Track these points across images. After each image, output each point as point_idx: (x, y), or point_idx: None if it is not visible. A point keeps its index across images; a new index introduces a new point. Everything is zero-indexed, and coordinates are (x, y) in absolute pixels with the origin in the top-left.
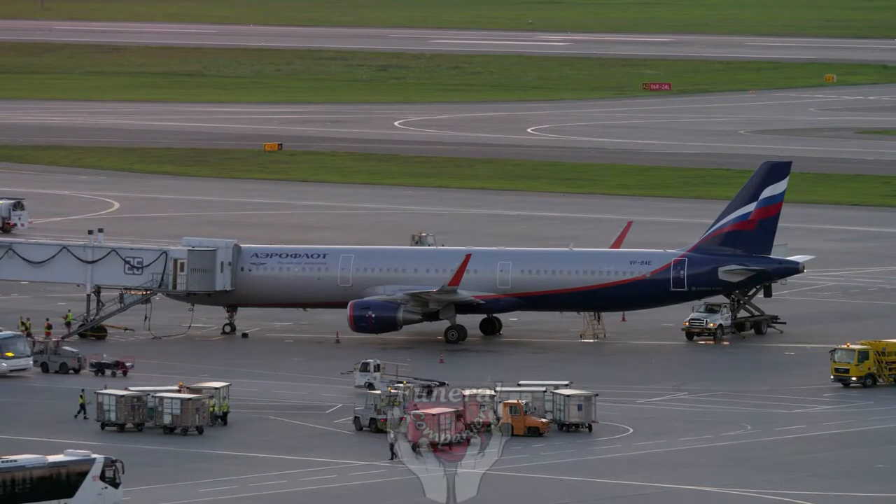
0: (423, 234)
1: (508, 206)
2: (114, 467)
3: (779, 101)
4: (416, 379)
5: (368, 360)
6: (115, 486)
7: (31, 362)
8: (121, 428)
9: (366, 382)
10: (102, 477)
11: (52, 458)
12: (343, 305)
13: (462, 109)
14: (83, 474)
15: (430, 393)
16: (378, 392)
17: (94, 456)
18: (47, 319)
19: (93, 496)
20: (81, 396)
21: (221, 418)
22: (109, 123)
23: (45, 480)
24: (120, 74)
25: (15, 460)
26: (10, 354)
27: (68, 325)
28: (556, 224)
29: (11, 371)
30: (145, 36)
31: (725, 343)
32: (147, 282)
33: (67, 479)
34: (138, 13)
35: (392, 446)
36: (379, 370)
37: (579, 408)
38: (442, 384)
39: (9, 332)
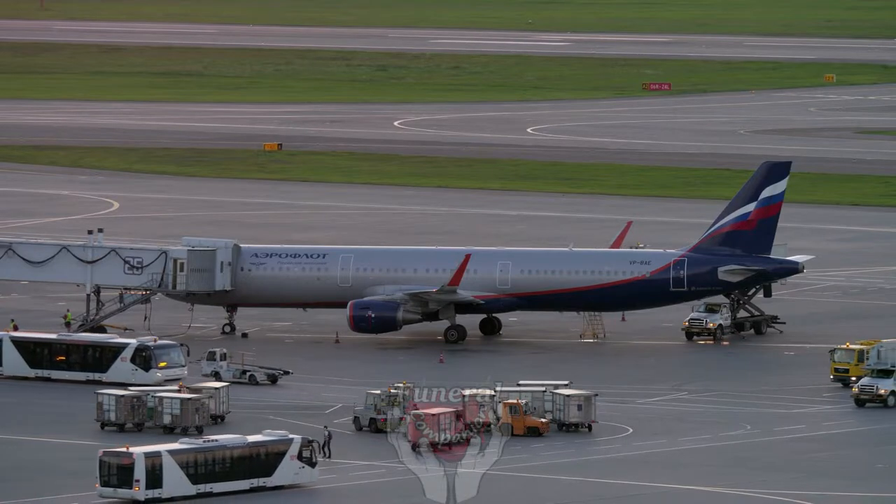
0: (641, 245)
1: (508, 206)
2: (310, 447)
3: (779, 101)
4: (260, 367)
5: (215, 350)
6: (312, 465)
7: (186, 372)
8: (120, 428)
9: (212, 371)
10: (300, 456)
11: (251, 438)
12: (343, 305)
13: (462, 109)
14: (281, 454)
15: (274, 380)
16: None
17: (291, 436)
18: (13, 320)
19: (290, 475)
20: None
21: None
22: (109, 123)
23: (244, 460)
24: (120, 74)
25: (216, 440)
26: (163, 364)
27: (67, 325)
28: (556, 224)
29: (167, 380)
30: (145, 36)
31: (725, 343)
32: (147, 282)
33: (266, 459)
34: (138, 13)
35: (325, 444)
36: (225, 359)
37: (579, 408)
38: (286, 372)
39: (164, 342)
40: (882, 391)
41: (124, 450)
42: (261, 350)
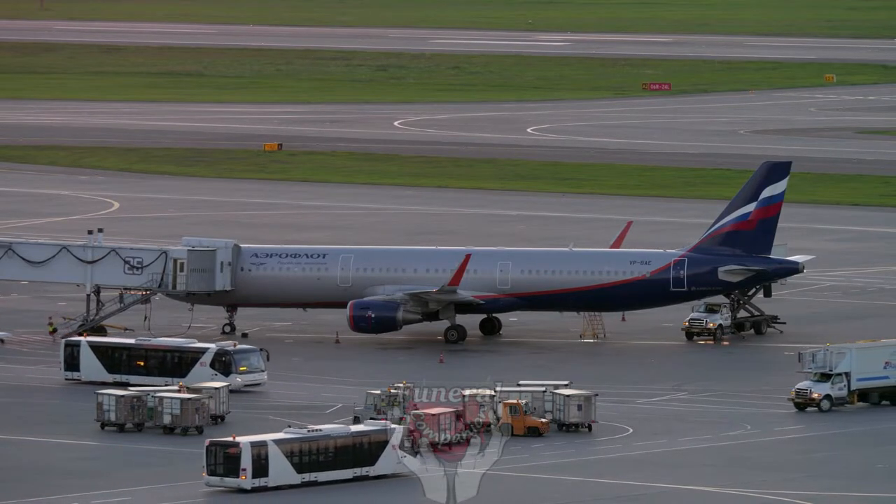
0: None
1: (508, 206)
2: (412, 437)
3: (779, 101)
4: None
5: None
6: (415, 454)
7: (266, 376)
8: (121, 428)
9: None
10: (402, 446)
11: (354, 428)
12: (343, 305)
13: (462, 109)
14: (384, 443)
15: None
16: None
17: (393, 426)
18: None
19: (392, 464)
20: None
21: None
22: (109, 123)
23: (347, 449)
24: (120, 74)
25: (320, 430)
26: (243, 369)
27: (53, 332)
28: (556, 224)
29: (246, 386)
30: (145, 36)
31: (725, 343)
32: (147, 282)
33: (369, 448)
34: (138, 13)
35: None
36: None
37: (579, 408)
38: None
39: (243, 346)
40: (815, 395)
41: (231, 439)
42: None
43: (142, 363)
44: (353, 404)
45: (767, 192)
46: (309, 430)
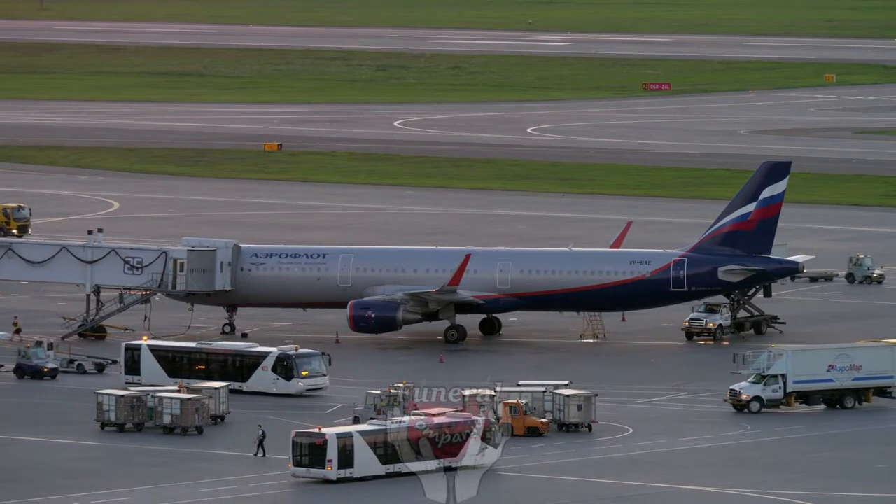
0: (861, 256)
1: (508, 206)
2: (492, 429)
3: (779, 101)
4: (88, 357)
5: (41, 339)
6: (494, 446)
7: (328, 381)
8: (120, 428)
9: None
10: (483, 438)
11: (437, 420)
12: (343, 305)
13: (462, 109)
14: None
15: (101, 369)
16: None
17: (474, 417)
18: None
19: (473, 456)
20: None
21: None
22: (109, 123)
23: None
24: (120, 74)
25: (401, 421)
26: (305, 373)
27: (17, 332)
28: (556, 224)
29: (308, 390)
30: (145, 36)
31: (725, 343)
32: (147, 282)
33: (450, 439)
34: (138, 13)
35: (259, 442)
36: (52, 348)
37: (579, 408)
38: (114, 362)
39: (305, 351)
40: (744, 396)
41: (317, 430)
42: None
43: (202, 367)
44: (353, 404)
45: (767, 192)
46: (390, 423)
